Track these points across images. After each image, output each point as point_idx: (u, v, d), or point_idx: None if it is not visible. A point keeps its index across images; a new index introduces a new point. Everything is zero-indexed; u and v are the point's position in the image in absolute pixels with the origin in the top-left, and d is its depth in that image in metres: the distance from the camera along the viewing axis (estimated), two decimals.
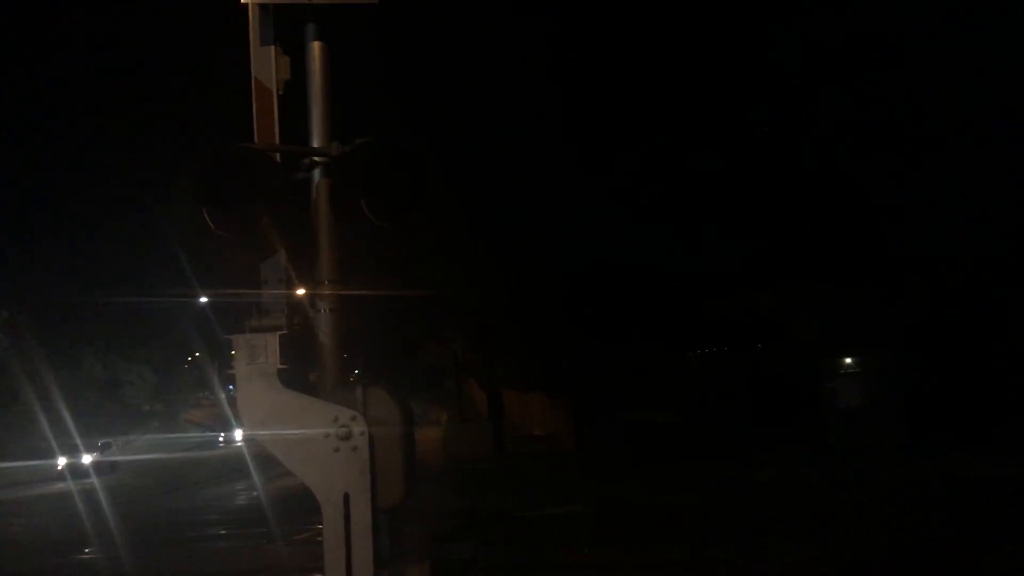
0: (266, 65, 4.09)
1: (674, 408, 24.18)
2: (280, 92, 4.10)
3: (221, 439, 63.62)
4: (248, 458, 30.29)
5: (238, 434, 57.62)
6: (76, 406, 59.13)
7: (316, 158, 4.08)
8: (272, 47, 4.10)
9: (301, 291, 4.14)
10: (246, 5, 4.07)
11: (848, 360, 21.64)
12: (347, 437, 3.78)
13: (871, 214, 25.34)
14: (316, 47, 4.11)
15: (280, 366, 3.88)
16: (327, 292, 4.07)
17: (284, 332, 3.91)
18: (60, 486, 32.31)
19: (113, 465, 41.46)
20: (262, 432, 3.87)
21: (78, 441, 40.50)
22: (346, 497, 3.76)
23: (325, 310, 4.08)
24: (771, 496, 15.01)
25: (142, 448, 56.88)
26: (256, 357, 3.87)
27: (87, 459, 39.14)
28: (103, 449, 42.88)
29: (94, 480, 32.91)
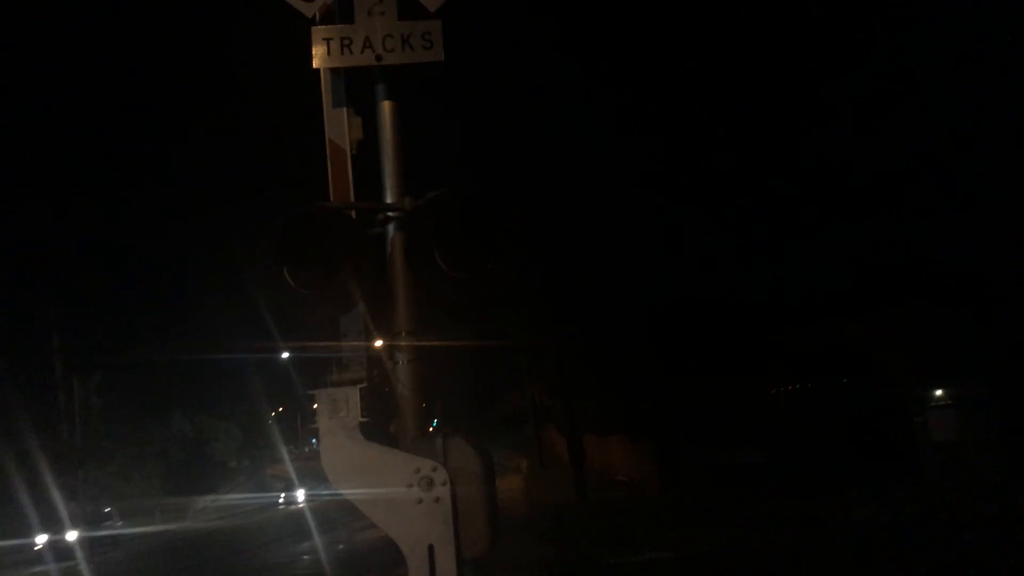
0: (339, 126, 4.21)
1: (760, 446, 23.61)
2: (354, 152, 4.22)
3: (281, 500, 60.29)
4: (309, 517, 29.15)
5: (300, 494, 55.98)
6: (166, 464, 60.80)
7: (390, 213, 4.16)
8: (344, 108, 4.22)
9: (379, 343, 4.21)
10: (318, 70, 4.22)
11: (939, 392, 20.86)
12: (429, 488, 3.79)
13: (960, 238, 24.58)
14: (386, 106, 4.22)
15: (361, 419, 3.93)
16: (404, 344, 4.12)
17: (364, 385, 3.97)
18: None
19: (114, 541, 34.28)
20: (346, 485, 3.91)
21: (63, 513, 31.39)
22: (430, 548, 3.76)
23: (403, 361, 4.12)
24: (868, 536, 14.47)
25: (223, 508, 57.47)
26: (338, 411, 3.93)
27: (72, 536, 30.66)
28: (99, 521, 34.45)
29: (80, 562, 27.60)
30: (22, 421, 35.23)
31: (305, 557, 22.71)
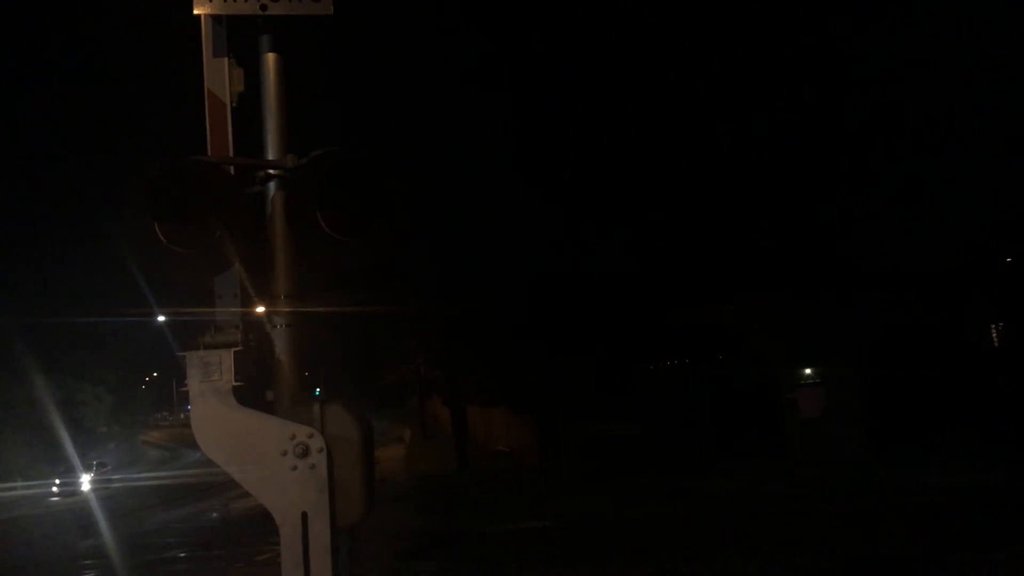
0: (219, 77, 4.01)
1: (637, 421, 24.25)
2: (234, 104, 4.03)
3: (56, 488, 43.22)
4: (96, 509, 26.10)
5: (85, 480, 43.68)
6: (29, 429, 57.90)
7: (271, 171, 4.00)
8: (225, 59, 4.02)
9: (258, 308, 4.06)
10: (199, 16, 4.00)
11: (808, 371, 21.87)
12: (305, 455, 3.69)
13: (828, 227, 25.78)
14: (270, 58, 4.04)
15: (235, 383, 3.78)
16: (283, 308, 3.98)
17: (239, 348, 3.82)
18: None
19: None
20: (217, 451, 3.77)
21: None
22: (304, 516, 3.67)
23: (281, 326, 3.99)
24: (735, 509, 15.08)
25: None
26: (210, 374, 3.78)
27: None
28: None
29: None
30: None
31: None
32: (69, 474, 46.86)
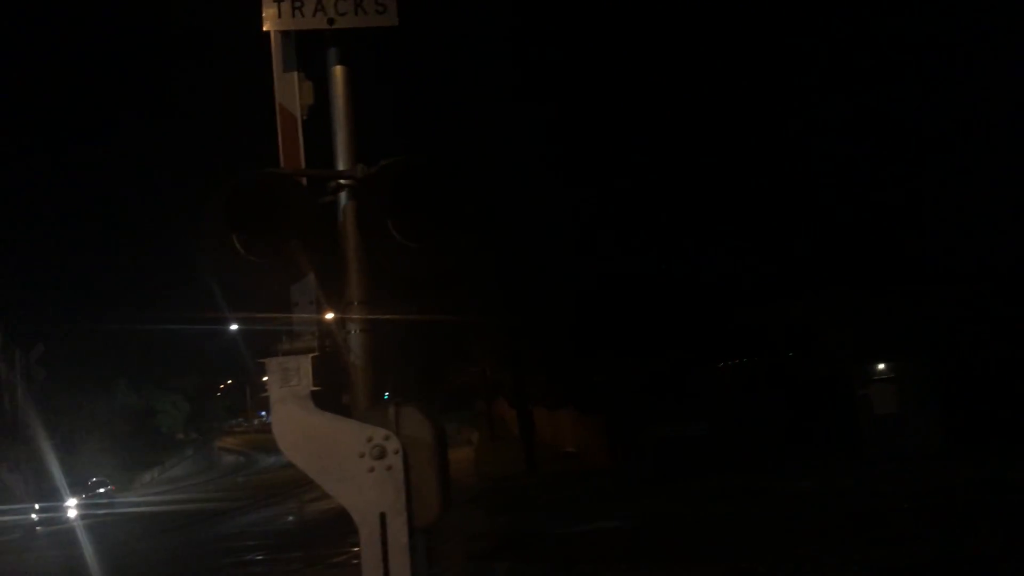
0: (290, 91, 4.13)
1: (705, 421, 23.98)
2: (304, 117, 4.15)
3: (35, 517, 31.96)
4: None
5: (71, 506, 33.48)
6: (112, 436, 59.83)
7: (342, 180, 4.11)
8: (295, 73, 4.14)
9: (331, 314, 4.17)
10: (269, 32, 4.13)
11: (881, 366, 21.37)
12: (381, 456, 3.78)
13: (903, 221, 25.18)
14: (338, 71, 4.14)
15: (313, 388, 3.90)
16: (357, 314, 4.08)
17: (316, 354, 3.93)
18: None
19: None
20: (297, 454, 3.89)
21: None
22: (382, 517, 3.76)
23: (355, 331, 4.09)
24: (810, 507, 14.82)
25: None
26: (289, 380, 3.89)
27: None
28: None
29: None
30: None
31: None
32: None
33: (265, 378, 4.00)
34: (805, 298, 27.26)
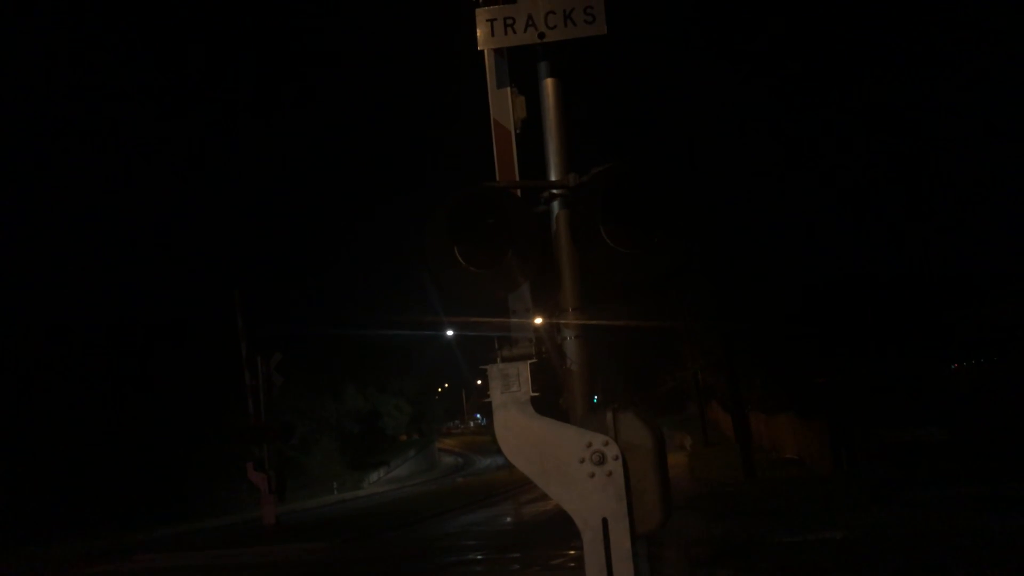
0: (504, 106, 4.27)
1: (939, 424, 22.29)
2: (518, 131, 4.28)
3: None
4: None
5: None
6: (341, 438, 63.90)
7: (555, 190, 4.20)
8: (508, 89, 4.28)
9: (539, 320, 4.27)
10: (482, 51, 4.29)
11: None
12: (601, 462, 3.82)
13: None
14: (549, 83, 4.24)
15: (532, 393, 4.00)
16: (573, 320, 4.15)
17: (534, 360, 4.04)
18: None
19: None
20: (519, 458, 4.00)
21: None
22: (604, 522, 3.79)
23: (571, 337, 4.16)
24: None
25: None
26: (510, 385, 4.02)
27: None
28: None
29: None
30: (213, 399, 38.25)
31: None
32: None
33: (482, 382, 4.16)
34: None
